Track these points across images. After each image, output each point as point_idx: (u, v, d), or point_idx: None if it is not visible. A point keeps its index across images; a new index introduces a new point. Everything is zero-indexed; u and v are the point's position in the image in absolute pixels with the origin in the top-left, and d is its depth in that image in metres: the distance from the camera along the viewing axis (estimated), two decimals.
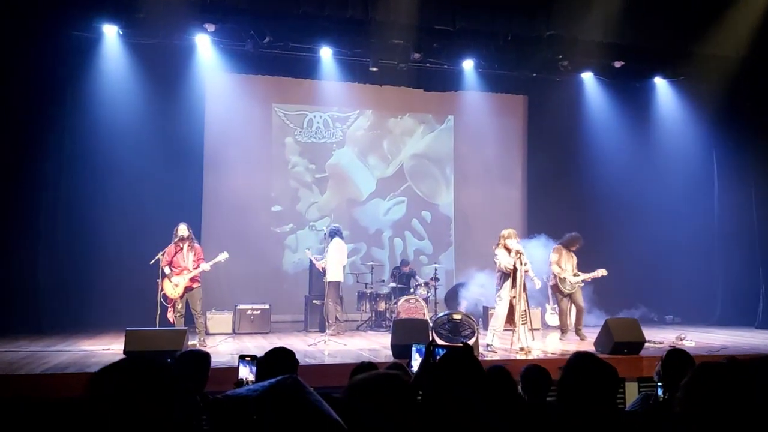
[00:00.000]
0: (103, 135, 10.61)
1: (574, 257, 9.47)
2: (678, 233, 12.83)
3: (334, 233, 9.95)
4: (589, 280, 9.46)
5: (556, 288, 9.40)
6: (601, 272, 9.33)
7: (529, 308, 7.85)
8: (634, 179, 12.73)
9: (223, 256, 8.60)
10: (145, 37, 10.07)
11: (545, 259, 9.39)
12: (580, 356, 2.51)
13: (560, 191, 12.77)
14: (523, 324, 7.66)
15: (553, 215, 11.88)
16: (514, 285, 7.72)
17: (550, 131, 12.91)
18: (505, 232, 7.91)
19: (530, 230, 9.24)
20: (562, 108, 12.60)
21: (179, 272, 8.42)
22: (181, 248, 8.47)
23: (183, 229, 8.46)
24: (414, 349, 4.28)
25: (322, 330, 9.89)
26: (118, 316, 9.96)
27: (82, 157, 10.66)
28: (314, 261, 10.16)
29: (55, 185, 10.48)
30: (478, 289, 10.25)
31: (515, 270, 7.69)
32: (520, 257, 7.68)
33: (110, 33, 10.19)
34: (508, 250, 7.74)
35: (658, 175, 12.90)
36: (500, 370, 3.45)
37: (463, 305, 10.16)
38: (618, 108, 12.53)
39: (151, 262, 8.35)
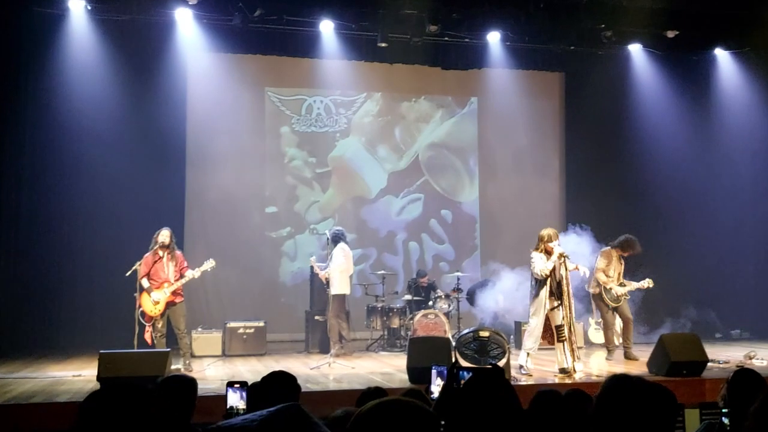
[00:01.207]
0: (70, 128, 10.71)
1: (623, 264, 9.43)
2: (745, 232, 12.74)
3: (338, 238, 9.96)
4: (634, 290, 9.43)
5: (599, 298, 9.35)
6: (648, 283, 9.29)
7: (574, 322, 7.82)
8: (692, 169, 12.67)
9: (209, 265, 8.64)
10: (116, 13, 10.14)
11: (581, 256, 9.37)
12: (615, 380, 2.50)
13: (604, 184, 12.73)
14: (562, 341, 7.63)
15: (596, 212, 11.82)
16: (551, 294, 7.71)
17: (592, 114, 12.86)
18: (544, 233, 7.85)
19: (569, 229, 9.19)
20: (605, 86, 12.55)
21: (159, 285, 8.46)
22: (161, 257, 8.52)
23: (165, 236, 8.51)
24: (434, 371, 4.30)
25: (325, 351, 9.90)
26: (91, 336, 10.04)
27: (44, 155, 10.76)
28: (317, 270, 10.18)
29: (14, 187, 10.59)
30: (508, 302, 10.21)
31: (552, 277, 7.68)
32: (564, 261, 7.67)
33: (77, 8, 10.27)
34: (549, 254, 7.72)
35: (720, 164, 12.83)
36: (580, 396, 3.34)
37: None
38: (671, 85, 12.47)
39: (127, 274, 8.41)
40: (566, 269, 7.65)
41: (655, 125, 12.59)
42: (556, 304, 7.73)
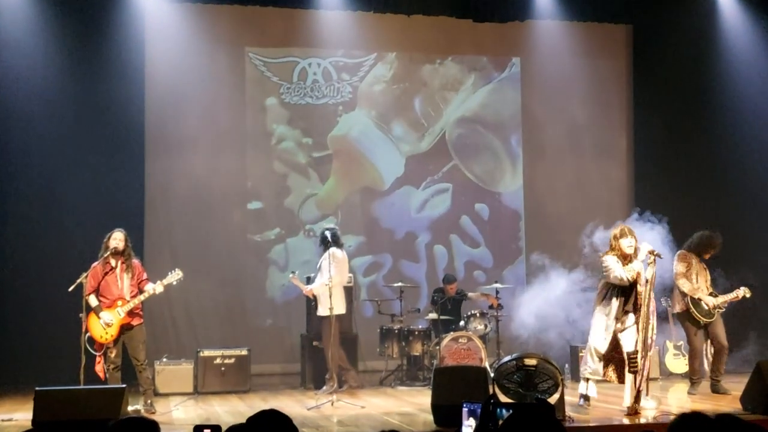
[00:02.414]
0: None
1: (707, 270, 9.38)
2: None
3: (327, 240, 9.90)
4: (726, 304, 9.36)
5: (686, 317, 9.31)
6: (744, 292, 9.21)
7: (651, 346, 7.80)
8: None
9: (175, 276, 8.64)
10: None
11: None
12: (686, 419, 2.47)
13: (684, 168, 12.66)
14: (634, 372, 7.62)
15: (673, 203, 11.74)
16: (625, 308, 7.71)
17: (668, 77, 12.77)
18: (616, 231, 7.93)
19: (635, 218, 9.20)
20: (684, 43, 12.49)
21: (111, 303, 8.45)
22: (113, 268, 8.51)
23: (118, 240, 8.51)
24: (465, 409, 4.28)
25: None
26: (25, 370, 10.07)
27: None
28: (301, 287, 10.25)
29: None
30: (565, 325, 10.20)
31: (635, 286, 7.67)
32: (653, 261, 7.64)
33: None
34: (625, 257, 7.75)
35: None
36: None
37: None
38: None
39: (70, 289, 8.39)
40: (653, 276, 7.64)
41: (749, 92, 12.49)
42: (630, 323, 7.74)
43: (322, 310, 9.74)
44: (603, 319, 7.84)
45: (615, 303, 7.77)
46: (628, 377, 7.69)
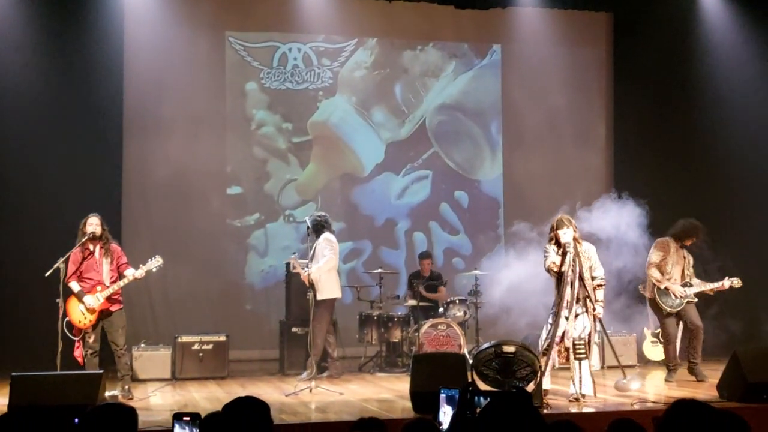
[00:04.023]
0: None
1: (689, 257, 9.44)
2: None
3: (320, 226, 9.91)
4: (712, 293, 9.42)
5: (654, 304, 9.39)
6: (733, 282, 9.25)
7: (592, 331, 7.92)
8: None
9: (155, 263, 8.60)
10: None
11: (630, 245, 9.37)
12: (682, 406, 2.49)
13: (662, 154, 12.67)
14: (579, 357, 7.75)
15: (653, 191, 11.74)
16: (574, 296, 7.82)
17: (648, 65, 12.79)
18: (554, 221, 8.08)
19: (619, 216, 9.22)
20: (664, 31, 12.50)
21: (90, 288, 8.42)
22: (92, 252, 8.49)
23: (94, 225, 8.46)
24: (442, 396, 4.29)
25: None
26: (1, 356, 10.00)
27: None
28: (299, 270, 10.07)
29: None
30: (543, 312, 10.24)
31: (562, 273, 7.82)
32: (577, 255, 7.79)
33: None
34: (560, 246, 7.88)
35: None
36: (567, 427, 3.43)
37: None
38: (753, 29, 12.36)
39: (47, 274, 8.37)
40: (579, 265, 7.78)
41: (729, 80, 12.51)
42: (578, 311, 7.85)
43: (322, 294, 9.68)
44: (552, 310, 7.99)
45: (562, 293, 7.83)
46: (575, 364, 7.76)
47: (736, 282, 9.27)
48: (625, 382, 8.17)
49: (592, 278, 7.93)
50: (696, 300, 9.33)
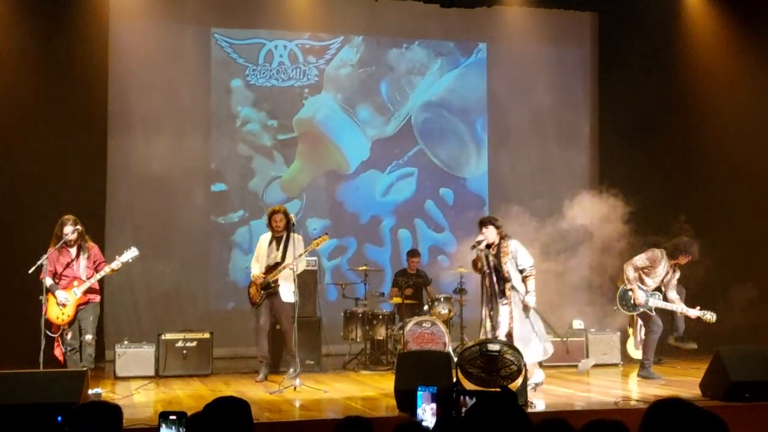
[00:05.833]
0: None
1: (677, 272, 9.39)
2: None
3: (293, 224, 9.81)
4: (681, 315, 9.39)
5: (616, 299, 9.55)
6: (706, 316, 9.06)
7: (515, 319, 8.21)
8: None
9: (131, 254, 8.61)
10: None
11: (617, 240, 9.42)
12: (662, 406, 2.48)
13: (646, 153, 12.70)
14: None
15: (637, 189, 11.78)
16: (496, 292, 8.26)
17: (633, 64, 12.81)
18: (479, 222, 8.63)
19: (603, 213, 9.26)
20: (649, 30, 12.52)
21: (67, 284, 8.41)
22: (68, 250, 8.50)
23: (69, 232, 8.38)
24: (421, 394, 4.27)
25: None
26: None
27: None
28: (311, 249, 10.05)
29: None
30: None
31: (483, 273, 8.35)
32: (485, 256, 8.31)
33: None
34: (489, 246, 8.38)
35: None
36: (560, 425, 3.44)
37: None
38: (738, 29, 12.37)
39: (30, 271, 8.31)
40: (497, 260, 8.32)
41: (713, 79, 12.56)
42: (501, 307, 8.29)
43: (289, 296, 9.65)
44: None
45: (482, 288, 8.47)
46: None
47: (710, 316, 9.05)
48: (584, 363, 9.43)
49: (520, 271, 8.29)
50: (653, 314, 9.27)
